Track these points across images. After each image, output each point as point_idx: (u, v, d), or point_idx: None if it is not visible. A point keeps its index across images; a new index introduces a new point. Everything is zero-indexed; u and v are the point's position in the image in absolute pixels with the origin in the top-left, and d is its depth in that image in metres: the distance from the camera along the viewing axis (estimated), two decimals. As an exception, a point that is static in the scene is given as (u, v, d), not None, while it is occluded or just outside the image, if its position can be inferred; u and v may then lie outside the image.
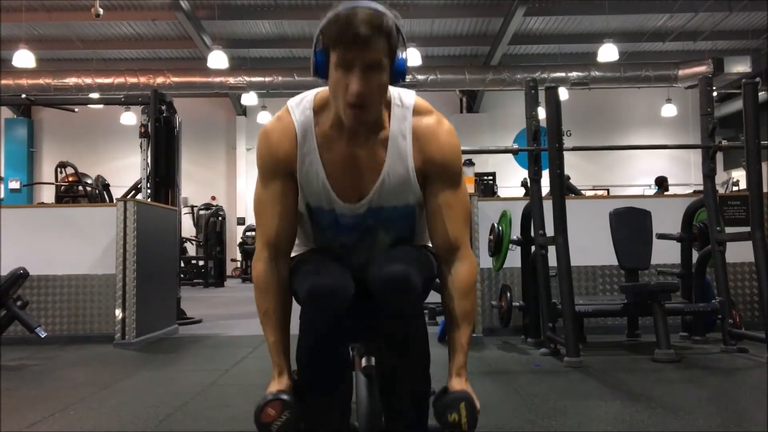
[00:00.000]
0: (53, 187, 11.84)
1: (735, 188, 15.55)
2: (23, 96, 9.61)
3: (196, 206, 15.10)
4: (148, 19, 12.66)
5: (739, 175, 16.31)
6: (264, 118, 15.63)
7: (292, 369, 1.65)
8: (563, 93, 14.54)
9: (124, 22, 12.93)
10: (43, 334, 4.11)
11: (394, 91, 1.64)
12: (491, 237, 4.65)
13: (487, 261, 4.95)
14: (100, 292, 5.09)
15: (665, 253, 4.93)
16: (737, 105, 15.03)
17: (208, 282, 12.50)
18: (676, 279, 4.66)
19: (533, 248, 4.53)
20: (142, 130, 6.45)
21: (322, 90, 1.64)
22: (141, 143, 6.52)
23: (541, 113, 4.39)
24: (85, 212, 5.52)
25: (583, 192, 16.49)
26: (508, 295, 4.62)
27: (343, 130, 1.61)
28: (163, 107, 6.49)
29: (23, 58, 11.28)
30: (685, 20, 12.97)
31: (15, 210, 5.56)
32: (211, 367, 3.99)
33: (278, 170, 1.64)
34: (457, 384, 1.60)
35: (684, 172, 16.52)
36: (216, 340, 5.19)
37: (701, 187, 4.50)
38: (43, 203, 13.58)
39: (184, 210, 14.13)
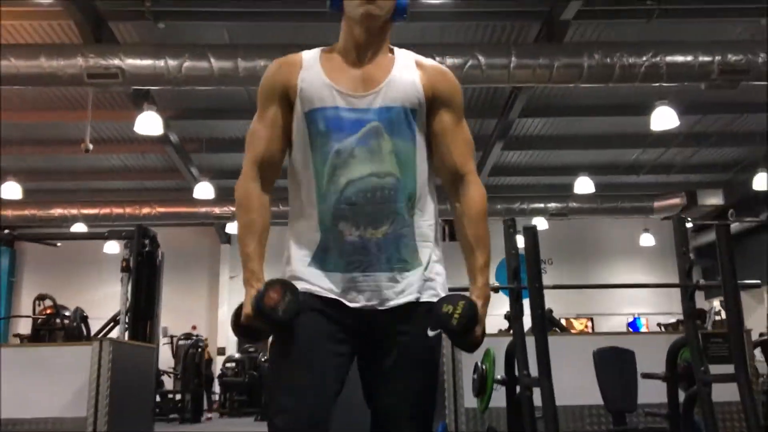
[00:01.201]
0: (29, 325, 11.68)
1: (717, 317, 15.62)
2: (6, 231, 9.67)
3: (176, 336, 14.82)
4: (137, 152, 12.95)
5: (721, 305, 16.40)
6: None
7: None
8: (542, 223, 14.85)
9: (114, 155, 13.21)
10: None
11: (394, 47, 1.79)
12: (475, 376, 4.56)
13: (471, 401, 4.83)
14: (70, 437, 4.89)
15: (652, 392, 4.85)
16: (712, 236, 15.35)
17: (185, 417, 12.04)
18: (664, 421, 4.56)
19: (518, 387, 4.44)
20: (124, 265, 6.44)
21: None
22: (122, 278, 6.49)
23: (520, 243, 4.44)
24: (60, 351, 5.41)
25: (566, 319, 16.48)
26: (494, 437, 4.49)
27: (349, 55, 1.71)
28: (146, 241, 6.52)
29: (10, 190, 11.43)
30: (658, 155, 13.47)
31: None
32: None
33: (276, 93, 1.71)
34: (476, 301, 1.66)
35: (666, 302, 16.60)
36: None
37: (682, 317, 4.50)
38: (18, 334, 13.27)
39: (163, 340, 13.86)
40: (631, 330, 16.52)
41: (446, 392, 4.87)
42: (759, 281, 6.96)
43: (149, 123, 8.94)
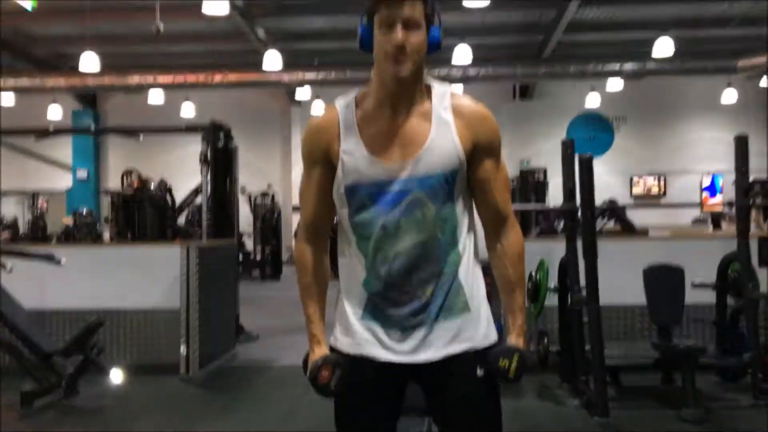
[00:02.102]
0: (117, 178, 12.54)
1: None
2: (92, 128, 10.15)
3: (254, 194, 15.60)
4: (204, 18, 12.98)
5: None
6: (318, 108, 15.92)
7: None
8: (618, 84, 14.35)
9: (183, 21, 13.30)
10: (116, 378, 4.55)
11: (431, 80, 1.79)
12: (529, 285, 4.85)
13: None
14: (166, 325, 5.50)
15: (703, 294, 5.04)
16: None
17: (265, 274, 12.99)
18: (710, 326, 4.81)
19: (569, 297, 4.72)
20: (202, 158, 6.82)
21: (365, 87, 1.79)
22: (201, 169, 6.90)
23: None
24: (152, 251, 5.94)
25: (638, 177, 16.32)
26: (545, 340, 4.85)
27: (384, 107, 1.72)
28: (221, 135, 6.84)
29: (89, 61, 11.80)
30: (748, 7, 12.56)
31: (88, 249, 6.05)
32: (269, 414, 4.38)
33: (318, 157, 1.75)
34: (516, 341, 1.76)
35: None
36: (271, 375, 5.59)
37: (759, 176, 4.52)
38: (108, 191, 14.17)
39: (241, 198, 14.64)
40: (707, 195, 16.28)
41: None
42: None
43: (216, 4, 8.98)
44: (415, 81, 1.72)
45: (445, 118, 1.73)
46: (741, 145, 4.38)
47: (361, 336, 1.75)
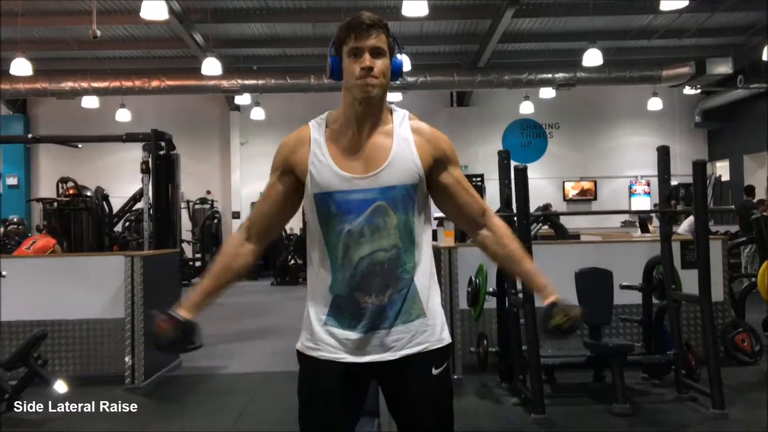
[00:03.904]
0: (51, 183, 12.23)
1: (718, 180, 15.98)
2: (30, 135, 9.91)
3: (192, 201, 15.47)
4: (141, 22, 12.84)
5: (723, 166, 16.74)
6: (257, 113, 15.89)
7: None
8: (550, 93, 14.86)
9: (119, 26, 13.13)
10: (62, 390, 4.53)
11: (391, 105, 1.98)
12: (469, 289, 5.06)
13: (465, 304, 5.36)
14: (110, 335, 5.49)
15: (630, 296, 5.35)
16: (720, 99, 15.41)
17: (206, 281, 12.88)
18: (637, 325, 5.11)
19: (507, 300, 4.95)
20: (143, 167, 6.80)
21: (335, 110, 1.97)
22: (143, 178, 6.88)
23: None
24: (95, 261, 5.91)
25: (571, 182, 16.88)
26: (485, 342, 5.06)
27: (351, 126, 1.89)
28: (163, 144, 6.84)
29: (20, 67, 11.52)
30: (670, 20, 13.21)
31: (30, 260, 5.96)
32: (218, 421, 4.45)
33: (286, 168, 1.92)
34: (550, 297, 2.03)
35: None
36: (217, 382, 5.63)
37: (684, 179, 4.83)
38: (40, 199, 13.88)
39: (180, 205, 14.50)
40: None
41: (442, 299, 5.38)
42: (732, 206, 7.27)
43: (154, 8, 8.93)
44: (380, 102, 1.91)
45: (405, 136, 1.91)
46: (663, 155, 4.69)
47: (323, 340, 1.90)
